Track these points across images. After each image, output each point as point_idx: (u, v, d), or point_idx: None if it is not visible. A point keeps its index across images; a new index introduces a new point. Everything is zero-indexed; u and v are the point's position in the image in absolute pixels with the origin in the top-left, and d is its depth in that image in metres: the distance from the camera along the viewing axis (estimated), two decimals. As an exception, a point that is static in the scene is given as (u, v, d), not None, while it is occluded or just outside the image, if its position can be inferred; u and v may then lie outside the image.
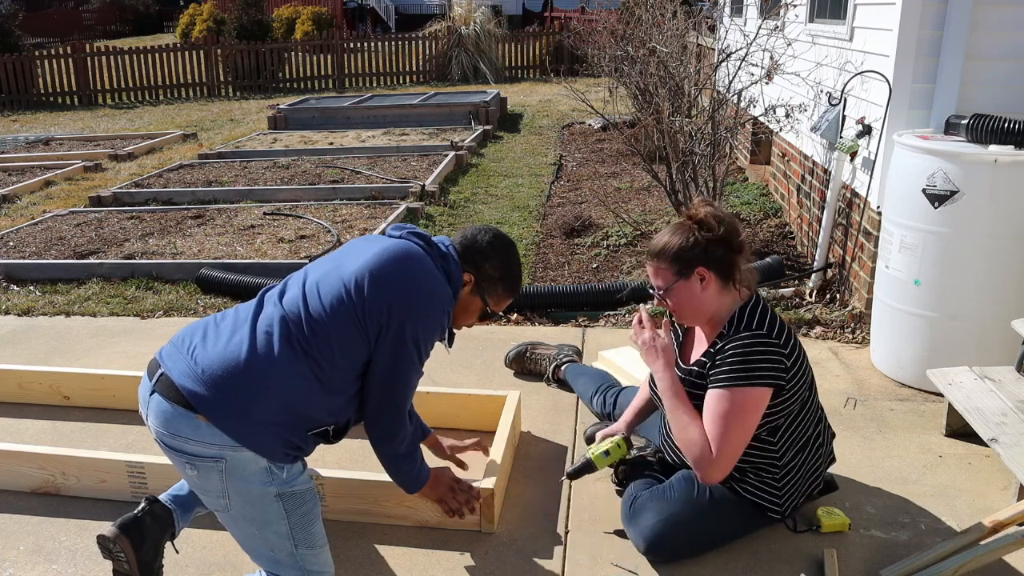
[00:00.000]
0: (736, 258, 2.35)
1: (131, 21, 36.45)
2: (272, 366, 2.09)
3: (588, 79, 8.08)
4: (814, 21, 5.32)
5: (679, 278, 2.34)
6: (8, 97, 14.70)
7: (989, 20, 3.51)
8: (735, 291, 2.37)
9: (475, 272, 2.35)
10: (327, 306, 2.15)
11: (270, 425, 2.09)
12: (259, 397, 2.07)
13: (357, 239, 2.41)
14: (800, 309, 4.30)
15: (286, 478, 2.14)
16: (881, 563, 2.37)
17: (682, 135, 5.23)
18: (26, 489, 2.84)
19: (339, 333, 2.15)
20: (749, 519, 2.46)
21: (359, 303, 2.16)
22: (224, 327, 2.20)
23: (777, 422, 2.35)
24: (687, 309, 2.38)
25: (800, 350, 2.36)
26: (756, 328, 2.30)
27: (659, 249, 2.37)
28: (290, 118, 11.31)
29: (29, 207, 7.26)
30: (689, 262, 2.32)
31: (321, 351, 2.14)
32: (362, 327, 2.17)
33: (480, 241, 2.37)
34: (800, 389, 2.36)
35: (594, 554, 2.48)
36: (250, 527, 2.16)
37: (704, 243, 2.32)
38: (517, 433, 3.13)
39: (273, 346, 2.11)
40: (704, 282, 2.33)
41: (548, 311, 4.44)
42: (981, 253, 3.16)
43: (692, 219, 2.36)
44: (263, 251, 5.56)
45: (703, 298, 2.35)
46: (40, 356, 4.05)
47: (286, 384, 2.10)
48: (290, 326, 2.14)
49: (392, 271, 2.19)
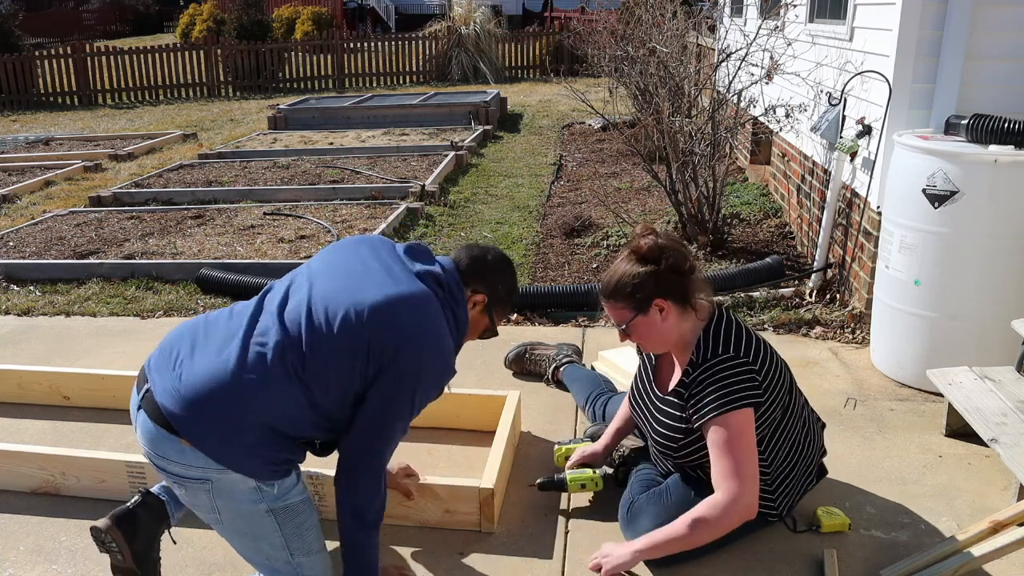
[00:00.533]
0: (688, 281, 2.33)
1: (131, 21, 36.45)
2: (260, 389, 2.00)
3: (588, 79, 8.08)
4: (814, 21, 5.32)
5: (637, 314, 2.33)
6: (8, 97, 14.70)
7: (989, 20, 3.51)
8: (694, 313, 2.35)
9: (488, 292, 2.28)
10: (332, 332, 2.03)
11: (256, 447, 2.03)
12: (244, 421, 2.00)
13: (367, 246, 2.27)
14: (800, 309, 4.30)
15: (277, 494, 2.10)
16: (881, 563, 2.37)
17: (682, 135, 5.24)
18: (26, 489, 2.84)
19: (338, 362, 2.03)
20: (747, 522, 2.45)
21: (368, 340, 2.03)
22: (214, 336, 2.10)
23: (762, 433, 2.33)
24: (652, 341, 2.38)
25: (771, 359, 2.35)
26: (723, 351, 2.29)
27: (612, 289, 2.34)
28: (290, 118, 11.31)
29: (29, 207, 7.26)
30: (645, 297, 2.31)
31: (315, 377, 2.03)
32: (363, 364, 2.04)
33: (490, 261, 2.30)
34: (779, 398, 2.34)
35: (594, 554, 2.47)
36: (243, 539, 2.15)
37: (654, 276, 2.29)
38: (517, 433, 3.12)
39: (264, 366, 2.01)
40: (664, 312, 2.32)
41: (548, 311, 4.44)
42: (981, 253, 3.16)
43: (636, 253, 2.33)
44: (263, 251, 5.56)
45: (665, 328, 2.34)
46: (40, 356, 4.05)
47: (274, 408, 2.02)
48: (286, 345, 2.03)
49: (409, 321, 2.06)
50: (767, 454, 2.37)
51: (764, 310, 4.31)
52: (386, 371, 2.05)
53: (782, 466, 2.42)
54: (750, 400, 2.26)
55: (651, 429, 2.49)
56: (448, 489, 2.58)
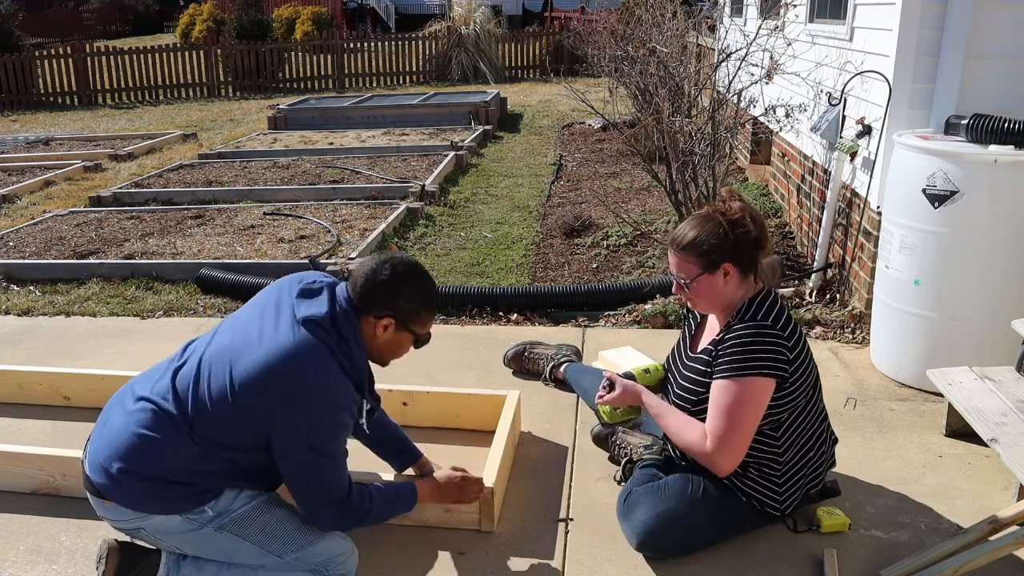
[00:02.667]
0: (760, 254, 2.37)
1: (131, 21, 36.46)
2: (162, 446, 2.09)
3: (588, 79, 8.08)
4: (814, 21, 5.32)
5: (704, 271, 2.35)
6: (8, 97, 14.70)
7: (989, 20, 3.51)
8: (753, 284, 2.39)
9: (392, 313, 2.18)
10: (213, 400, 2.09)
11: (169, 492, 2.10)
12: (154, 476, 2.09)
13: (275, 292, 2.25)
14: (800, 309, 4.30)
15: (215, 514, 2.14)
16: (881, 563, 2.37)
17: (682, 135, 5.23)
18: (26, 489, 2.84)
19: (223, 425, 2.09)
20: (745, 517, 2.46)
21: (245, 407, 2.06)
22: (129, 397, 2.20)
23: (781, 416, 2.36)
24: (705, 299, 2.41)
25: (805, 345, 2.37)
26: (761, 319, 2.32)
27: (688, 242, 2.36)
28: (290, 118, 11.31)
29: (29, 207, 7.26)
30: (718, 258, 2.33)
31: (206, 438, 2.10)
32: (248, 424, 2.09)
33: (381, 279, 2.16)
34: (804, 385, 2.36)
35: (594, 553, 2.48)
36: (226, 558, 2.19)
37: (734, 240, 2.32)
38: (517, 433, 3.13)
39: (160, 426, 2.10)
40: (727, 276, 2.35)
41: (548, 311, 4.44)
42: (981, 253, 3.16)
43: (724, 215, 2.35)
44: (263, 251, 5.56)
45: (723, 291, 2.37)
46: (40, 356, 4.05)
47: (180, 462, 2.10)
48: (176, 408, 2.11)
49: (279, 387, 2.04)
50: (782, 440, 2.39)
51: (764, 310, 4.31)
52: (274, 431, 2.09)
53: (795, 457, 2.42)
54: (772, 370, 2.27)
55: (675, 385, 2.52)
56: (448, 489, 2.58)
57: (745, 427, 2.29)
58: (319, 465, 2.11)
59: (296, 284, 2.25)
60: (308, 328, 2.10)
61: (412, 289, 2.21)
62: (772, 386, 2.29)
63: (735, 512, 2.45)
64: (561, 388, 3.51)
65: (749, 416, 2.29)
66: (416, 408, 3.21)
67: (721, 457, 2.32)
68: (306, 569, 2.19)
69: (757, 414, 2.30)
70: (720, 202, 2.39)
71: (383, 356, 2.29)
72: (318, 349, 2.08)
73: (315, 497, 2.14)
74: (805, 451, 2.45)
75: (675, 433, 2.43)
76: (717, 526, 2.45)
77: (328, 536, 2.22)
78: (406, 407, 3.21)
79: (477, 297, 4.51)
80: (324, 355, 2.09)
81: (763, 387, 2.28)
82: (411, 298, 2.20)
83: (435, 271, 5.21)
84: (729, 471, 2.36)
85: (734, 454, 2.31)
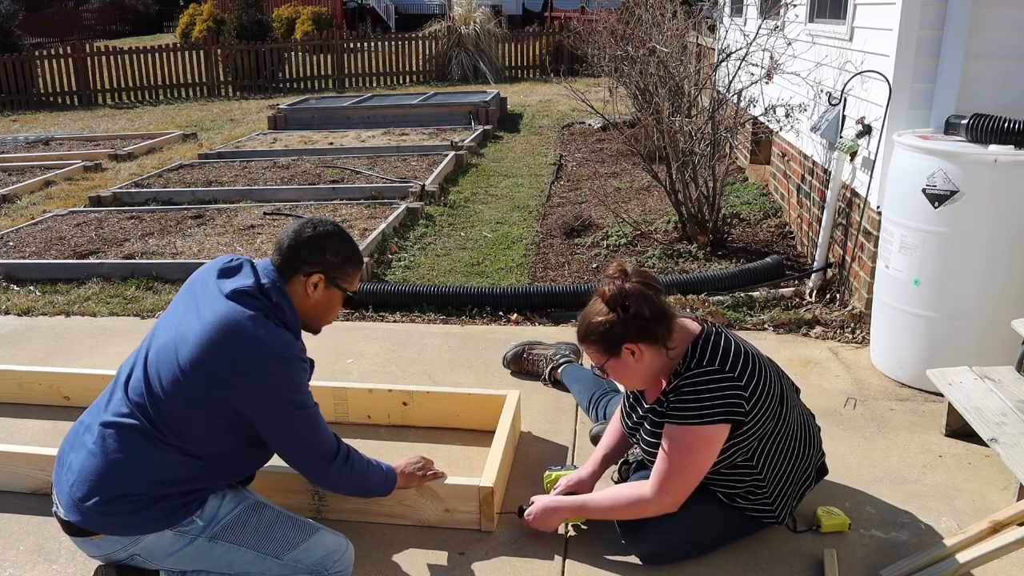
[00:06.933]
0: (657, 325, 2.26)
1: (131, 21, 36.44)
2: (134, 465, 2.08)
3: (588, 79, 8.08)
4: (814, 21, 5.32)
5: (610, 357, 2.32)
6: (8, 97, 14.70)
7: (989, 20, 3.51)
8: (666, 350, 2.30)
9: (321, 269, 2.23)
10: (171, 396, 2.09)
11: (154, 509, 2.09)
12: (132, 498, 2.07)
13: (199, 282, 2.27)
14: (800, 309, 4.30)
15: (205, 523, 2.13)
16: (881, 563, 2.37)
17: (682, 135, 5.24)
18: (26, 490, 2.84)
19: (193, 416, 2.09)
20: (745, 525, 2.46)
21: (205, 389, 2.08)
22: (82, 428, 2.18)
23: (750, 446, 2.31)
24: (626, 379, 2.38)
25: (760, 373, 2.28)
26: (708, 364, 2.25)
27: (583, 334, 2.34)
28: (290, 118, 11.31)
29: (29, 207, 7.26)
30: (614, 343, 2.29)
31: (182, 437, 2.10)
32: (217, 407, 2.09)
33: (306, 236, 2.23)
34: (769, 411, 2.29)
35: (594, 553, 2.47)
36: (225, 569, 2.18)
37: (625, 321, 2.25)
38: (517, 433, 3.12)
39: (126, 443, 2.09)
40: (636, 355, 2.29)
41: (548, 311, 4.44)
42: (981, 253, 3.16)
43: (602, 298, 2.29)
44: (263, 251, 5.55)
45: (639, 368, 2.31)
46: (40, 356, 4.05)
47: (155, 474, 2.09)
48: (139, 418, 2.10)
49: (223, 359, 2.07)
50: (760, 467, 2.35)
51: (764, 310, 4.31)
52: (242, 406, 2.10)
53: (778, 473, 2.40)
54: (728, 416, 2.23)
55: (642, 441, 2.45)
56: (448, 488, 2.58)
57: (690, 471, 2.26)
58: (298, 419, 2.15)
59: (215, 267, 2.28)
60: (236, 299, 2.14)
61: (336, 242, 2.27)
62: (726, 431, 2.24)
63: (735, 522, 2.44)
64: (560, 389, 3.51)
65: (698, 462, 2.26)
66: (416, 408, 3.21)
67: (661, 497, 2.29)
68: (305, 571, 2.19)
69: (706, 459, 2.26)
70: (609, 282, 2.30)
71: (316, 318, 2.31)
72: (251, 315, 2.12)
73: (311, 453, 2.20)
74: (787, 464, 2.41)
75: (612, 506, 2.39)
76: (718, 536, 2.44)
77: (320, 532, 2.24)
78: (406, 407, 3.21)
79: (477, 297, 4.51)
80: (257, 318, 2.12)
81: (715, 434, 2.23)
82: (336, 251, 2.26)
83: (435, 271, 5.21)
84: (669, 511, 2.32)
85: (672, 496, 2.29)
